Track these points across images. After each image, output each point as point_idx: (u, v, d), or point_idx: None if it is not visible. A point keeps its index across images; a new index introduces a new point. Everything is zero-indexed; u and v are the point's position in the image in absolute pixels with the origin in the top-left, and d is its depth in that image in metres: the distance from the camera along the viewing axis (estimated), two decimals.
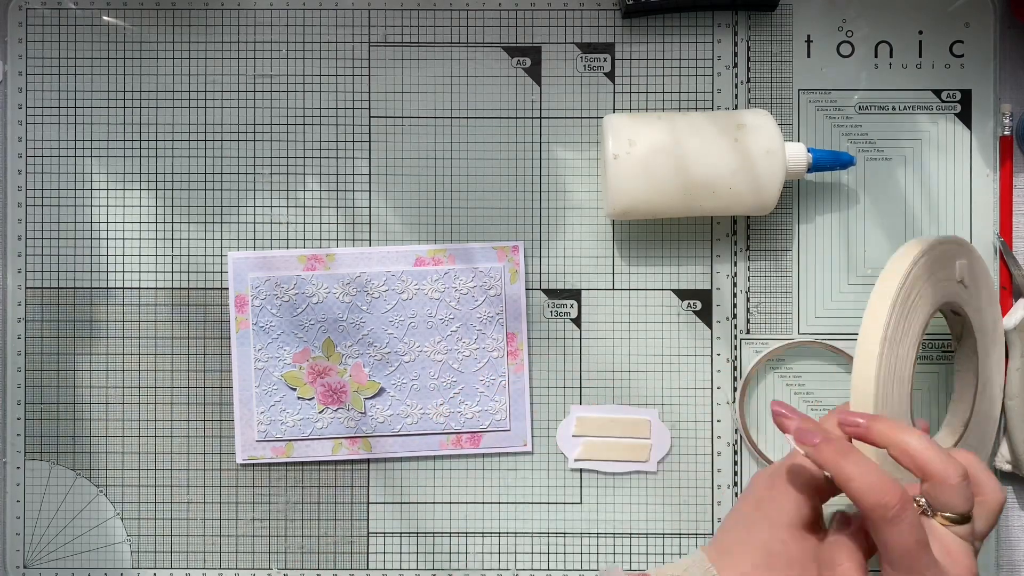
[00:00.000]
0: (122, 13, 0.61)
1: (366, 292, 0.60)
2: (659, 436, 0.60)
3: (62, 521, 0.61)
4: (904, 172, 0.61)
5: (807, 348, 0.61)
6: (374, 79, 0.61)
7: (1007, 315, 0.60)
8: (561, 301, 0.61)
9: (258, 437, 0.60)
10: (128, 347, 0.61)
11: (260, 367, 0.60)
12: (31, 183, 0.61)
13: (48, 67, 0.61)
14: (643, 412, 0.59)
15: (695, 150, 0.55)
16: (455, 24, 0.61)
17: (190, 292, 0.61)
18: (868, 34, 0.61)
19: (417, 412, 0.60)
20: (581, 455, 0.60)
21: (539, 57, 0.61)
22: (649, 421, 0.60)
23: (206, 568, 0.61)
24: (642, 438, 0.60)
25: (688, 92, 0.61)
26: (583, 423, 0.60)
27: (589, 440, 0.60)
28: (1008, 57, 0.61)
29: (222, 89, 0.61)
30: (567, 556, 0.61)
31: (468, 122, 0.61)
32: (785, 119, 0.61)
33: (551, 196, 0.61)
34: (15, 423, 0.61)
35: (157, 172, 0.61)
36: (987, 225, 0.60)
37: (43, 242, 0.61)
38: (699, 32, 0.61)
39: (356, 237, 0.61)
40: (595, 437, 0.59)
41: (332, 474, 0.61)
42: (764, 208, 0.57)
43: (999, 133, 0.61)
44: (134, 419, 0.61)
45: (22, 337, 0.61)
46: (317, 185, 0.61)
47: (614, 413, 0.60)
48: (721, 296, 0.61)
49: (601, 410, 0.60)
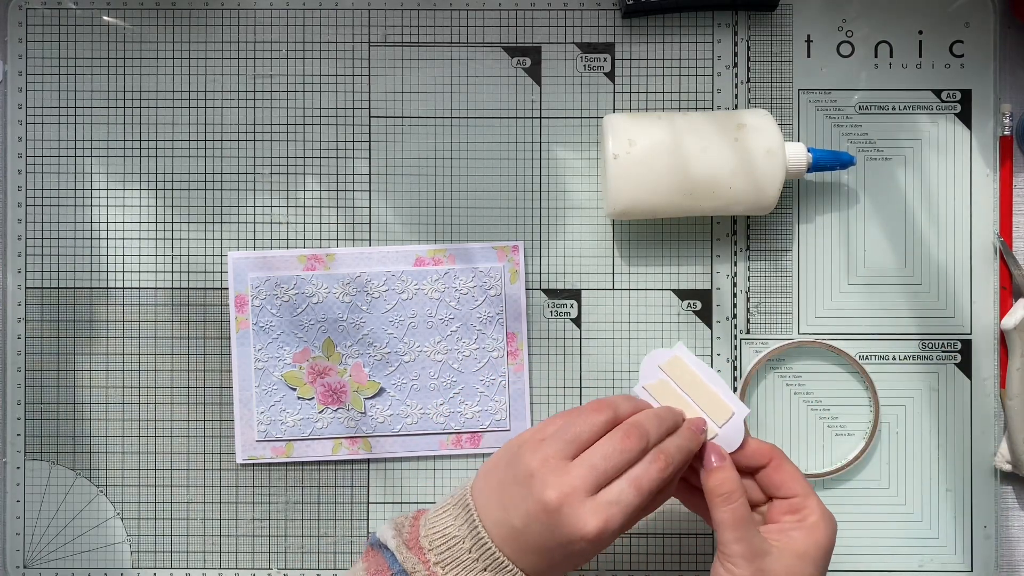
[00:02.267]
0: (122, 13, 0.61)
1: (366, 292, 0.60)
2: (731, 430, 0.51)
3: (62, 521, 0.61)
4: (904, 172, 0.61)
5: (807, 348, 0.61)
6: (374, 79, 0.61)
7: (1007, 315, 0.60)
8: (561, 301, 0.61)
9: (258, 437, 0.60)
10: (128, 347, 0.61)
11: (260, 367, 0.60)
12: (31, 183, 0.61)
13: (48, 67, 0.61)
14: (736, 403, 0.51)
15: (695, 150, 0.55)
16: (455, 24, 0.61)
17: (190, 292, 0.61)
18: (868, 34, 0.61)
19: (417, 412, 0.60)
20: (651, 387, 0.52)
21: (539, 57, 0.61)
22: (733, 412, 0.51)
23: (206, 568, 0.61)
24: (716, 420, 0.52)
25: (688, 92, 0.61)
26: (677, 366, 0.52)
27: (668, 382, 0.52)
28: (1008, 57, 0.61)
29: (222, 89, 0.61)
30: None
31: (468, 122, 0.61)
32: (785, 119, 0.61)
33: (551, 196, 0.61)
34: (15, 423, 0.61)
35: (157, 172, 0.61)
36: (987, 225, 0.60)
37: (43, 242, 0.61)
38: (699, 32, 0.61)
39: (356, 237, 0.61)
40: (676, 384, 0.52)
41: (332, 474, 0.61)
42: (764, 208, 0.57)
43: (999, 133, 0.61)
44: (134, 419, 0.61)
45: (22, 337, 0.61)
46: (317, 185, 0.61)
47: (713, 383, 0.52)
48: (721, 296, 0.61)
49: (703, 369, 0.52)
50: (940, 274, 0.61)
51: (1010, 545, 0.61)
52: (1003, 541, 0.61)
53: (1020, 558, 0.61)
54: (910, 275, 0.61)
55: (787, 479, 0.50)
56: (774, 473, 0.50)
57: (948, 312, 0.61)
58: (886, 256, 0.61)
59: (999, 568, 0.61)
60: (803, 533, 0.48)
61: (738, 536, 0.47)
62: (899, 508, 0.61)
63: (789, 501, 0.49)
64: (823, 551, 0.48)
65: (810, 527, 0.48)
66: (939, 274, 0.61)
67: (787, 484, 0.50)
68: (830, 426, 0.61)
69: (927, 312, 0.61)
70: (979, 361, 0.60)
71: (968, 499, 0.61)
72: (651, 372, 0.52)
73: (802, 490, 0.49)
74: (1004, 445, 0.60)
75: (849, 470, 0.60)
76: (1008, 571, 0.61)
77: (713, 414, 0.51)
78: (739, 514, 0.48)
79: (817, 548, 0.48)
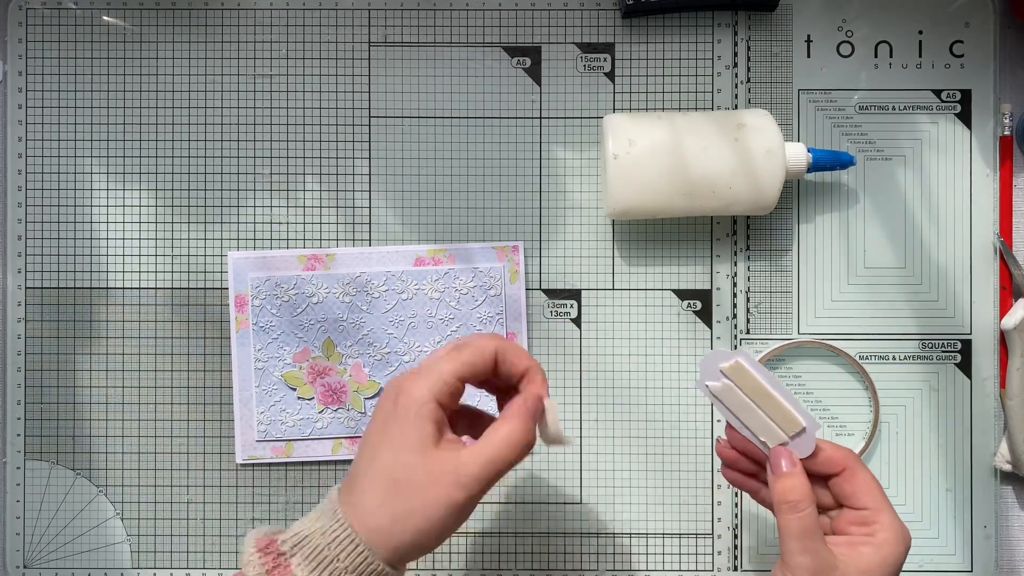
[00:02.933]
0: (122, 13, 0.61)
1: (366, 292, 0.60)
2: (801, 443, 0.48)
3: (62, 521, 0.61)
4: (904, 172, 0.61)
5: (807, 348, 0.61)
6: (374, 79, 0.61)
7: (1007, 315, 0.60)
8: (561, 301, 0.61)
9: (258, 437, 0.60)
10: (128, 347, 0.61)
11: (260, 367, 0.60)
12: (31, 183, 0.61)
13: (48, 67, 0.61)
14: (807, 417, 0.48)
15: (695, 150, 0.55)
16: (455, 24, 0.61)
17: (190, 292, 0.61)
18: (868, 34, 0.61)
19: None
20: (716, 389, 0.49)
21: (539, 57, 0.61)
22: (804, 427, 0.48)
23: (206, 568, 0.61)
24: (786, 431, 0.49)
25: (688, 92, 0.61)
26: (740, 372, 0.49)
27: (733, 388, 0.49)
28: (1008, 57, 0.61)
29: (222, 89, 0.61)
30: (567, 556, 0.61)
31: (468, 122, 0.61)
32: (785, 119, 0.61)
33: (551, 196, 0.61)
34: (15, 423, 0.61)
35: (157, 172, 0.61)
36: (987, 225, 0.60)
37: (43, 242, 0.61)
38: (699, 32, 0.61)
39: (356, 237, 0.61)
40: (742, 391, 0.49)
41: (332, 474, 0.61)
42: (764, 208, 0.57)
43: (999, 133, 0.61)
44: (134, 419, 0.61)
45: (22, 337, 0.61)
46: (317, 185, 0.61)
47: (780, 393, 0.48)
48: (721, 296, 0.61)
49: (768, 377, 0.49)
50: (940, 274, 0.61)
51: (1010, 545, 0.61)
52: (1003, 541, 0.61)
53: (1020, 558, 0.61)
54: (910, 275, 0.61)
55: (859, 490, 0.47)
56: (846, 483, 0.47)
57: (948, 312, 0.61)
58: (886, 256, 0.61)
59: (999, 568, 0.61)
60: (872, 549, 0.45)
61: (804, 547, 0.45)
62: (899, 508, 0.61)
63: (860, 513, 0.47)
64: (891, 570, 0.46)
65: (880, 544, 0.46)
66: (939, 274, 0.61)
67: (859, 495, 0.47)
68: (830, 426, 0.61)
69: (927, 312, 0.61)
70: (979, 361, 0.60)
71: (968, 499, 0.61)
72: (713, 373, 0.49)
73: (875, 503, 0.47)
74: (1004, 445, 0.60)
75: None
76: (1008, 571, 0.61)
77: (782, 424, 0.48)
78: (806, 524, 0.45)
79: (884, 566, 0.45)
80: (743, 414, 0.49)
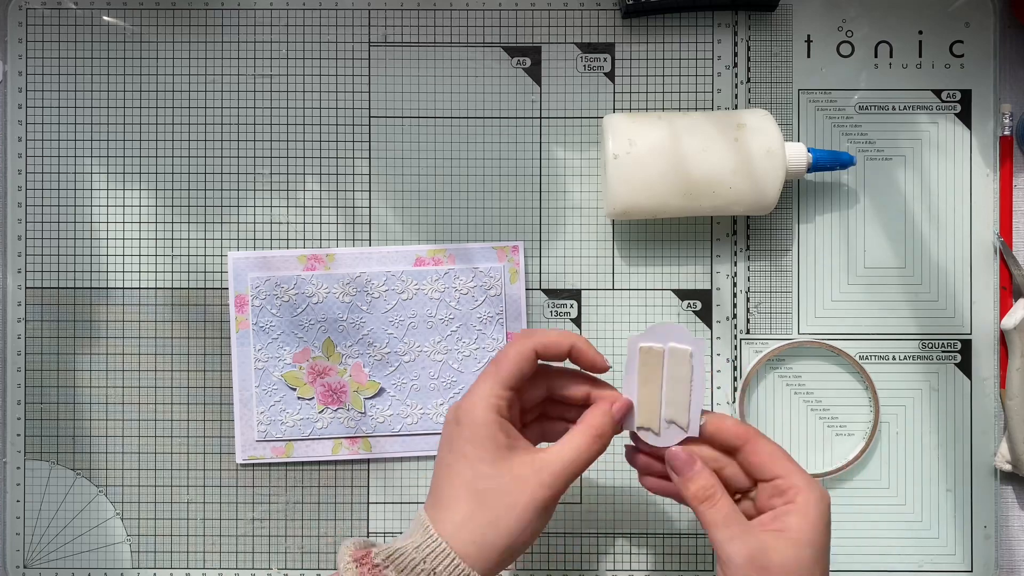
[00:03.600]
0: (122, 13, 0.61)
1: (366, 292, 0.60)
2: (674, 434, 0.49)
3: (62, 521, 0.61)
4: (904, 172, 0.61)
5: (807, 348, 0.61)
6: (374, 79, 0.61)
7: (1007, 315, 0.60)
8: (561, 301, 0.61)
9: (258, 437, 0.60)
10: (128, 347, 0.61)
11: (260, 367, 0.60)
12: (31, 183, 0.61)
13: (48, 67, 0.61)
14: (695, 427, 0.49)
15: (695, 150, 0.55)
16: (455, 24, 0.61)
17: (190, 292, 0.61)
18: (868, 34, 0.61)
19: (417, 412, 0.60)
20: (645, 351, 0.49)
21: (539, 57, 0.61)
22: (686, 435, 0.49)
23: (206, 568, 0.61)
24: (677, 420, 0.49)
25: (688, 92, 0.61)
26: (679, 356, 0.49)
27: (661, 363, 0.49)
28: (1008, 57, 0.61)
29: (222, 89, 0.61)
30: (567, 556, 0.61)
31: (468, 122, 0.61)
32: (785, 119, 0.61)
33: (551, 196, 0.61)
34: (15, 423, 0.61)
35: (157, 172, 0.61)
36: (987, 225, 0.60)
37: (43, 242, 0.61)
38: (699, 32, 0.61)
39: (356, 237, 0.61)
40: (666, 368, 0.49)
41: (332, 474, 0.61)
42: (764, 208, 0.57)
43: (999, 133, 0.61)
44: (134, 419, 0.61)
45: (22, 337, 0.61)
46: (317, 185, 0.61)
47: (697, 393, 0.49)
48: (721, 296, 0.61)
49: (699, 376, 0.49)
50: (940, 274, 0.61)
51: (1010, 545, 0.61)
52: (1003, 541, 0.61)
53: (1020, 558, 0.61)
54: (910, 275, 0.61)
55: (765, 460, 0.47)
56: (752, 455, 0.47)
57: (948, 312, 0.61)
58: (886, 256, 0.61)
59: (999, 568, 0.61)
60: (798, 517, 0.45)
61: (731, 534, 0.45)
62: (899, 508, 0.61)
63: (774, 484, 0.46)
64: (819, 531, 0.45)
65: (802, 507, 0.45)
66: (939, 274, 0.61)
67: (766, 465, 0.47)
68: (830, 426, 0.61)
69: (927, 312, 0.61)
70: (979, 361, 0.60)
71: (968, 499, 0.61)
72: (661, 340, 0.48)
73: (783, 470, 0.46)
74: (1004, 445, 0.60)
75: (849, 470, 0.60)
76: (1008, 571, 0.61)
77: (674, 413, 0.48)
78: (725, 510, 0.45)
79: (813, 529, 0.45)
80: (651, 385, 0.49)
